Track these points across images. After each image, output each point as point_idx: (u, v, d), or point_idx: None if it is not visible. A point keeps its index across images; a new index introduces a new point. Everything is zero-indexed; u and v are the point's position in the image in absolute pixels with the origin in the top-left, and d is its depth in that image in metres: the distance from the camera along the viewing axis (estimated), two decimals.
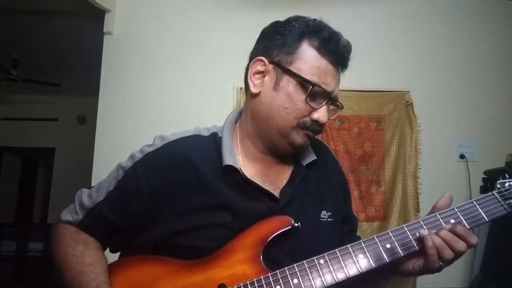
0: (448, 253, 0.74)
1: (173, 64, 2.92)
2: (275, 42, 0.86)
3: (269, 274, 0.76)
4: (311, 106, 0.82)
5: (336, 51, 0.83)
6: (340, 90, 0.88)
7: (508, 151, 2.34)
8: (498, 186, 0.81)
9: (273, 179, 0.89)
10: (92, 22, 3.23)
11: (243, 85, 0.94)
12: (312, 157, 0.93)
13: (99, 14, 2.94)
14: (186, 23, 2.98)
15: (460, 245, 0.74)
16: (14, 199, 7.55)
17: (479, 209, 0.78)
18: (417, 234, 0.76)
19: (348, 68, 0.88)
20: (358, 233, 1.04)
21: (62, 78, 5.51)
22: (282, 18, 0.90)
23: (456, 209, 0.78)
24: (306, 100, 0.81)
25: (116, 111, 2.86)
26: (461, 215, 0.78)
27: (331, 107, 0.88)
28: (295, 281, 0.74)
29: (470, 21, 2.97)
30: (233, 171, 0.84)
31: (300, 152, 0.93)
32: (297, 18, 0.87)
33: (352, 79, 2.83)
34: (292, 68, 0.83)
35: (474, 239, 0.75)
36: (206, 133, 0.92)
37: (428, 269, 0.77)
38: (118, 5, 2.99)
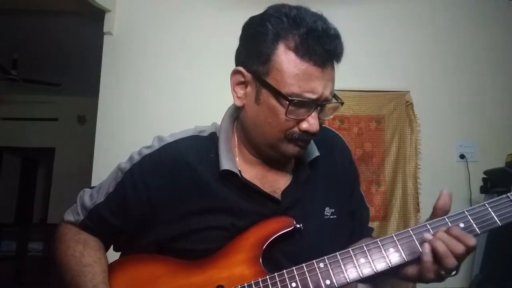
0: (451, 262, 0.67)
1: (173, 64, 2.91)
2: (250, 50, 0.78)
3: (267, 276, 0.74)
4: (295, 119, 0.76)
5: (319, 49, 0.72)
6: (340, 90, 0.83)
7: (508, 151, 2.33)
8: None
9: (273, 181, 0.86)
10: (92, 22, 3.23)
11: None
12: (315, 153, 0.87)
13: (99, 14, 2.94)
14: (186, 23, 2.97)
15: (459, 247, 0.67)
16: (14, 199, 7.56)
17: (492, 212, 0.71)
18: (423, 237, 0.70)
19: (348, 68, 0.82)
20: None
21: (62, 78, 5.51)
22: None
23: (466, 212, 0.72)
24: (286, 115, 0.74)
25: (116, 111, 2.86)
26: (471, 219, 0.71)
27: (331, 105, 0.80)
28: (293, 284, 0.72)
29: (470, 21, 2.97)
30: (231, 174, 0.81)
31: None
32: (272, 14, 0.76)
33: (352, 79, 2.89)
34: (270, 80, 0.75)
35: (472, 241, 0.68)
36: (205, 133, 0.90)
37: (422, 278, 0.71)
38: (118, 5, 2.98)
